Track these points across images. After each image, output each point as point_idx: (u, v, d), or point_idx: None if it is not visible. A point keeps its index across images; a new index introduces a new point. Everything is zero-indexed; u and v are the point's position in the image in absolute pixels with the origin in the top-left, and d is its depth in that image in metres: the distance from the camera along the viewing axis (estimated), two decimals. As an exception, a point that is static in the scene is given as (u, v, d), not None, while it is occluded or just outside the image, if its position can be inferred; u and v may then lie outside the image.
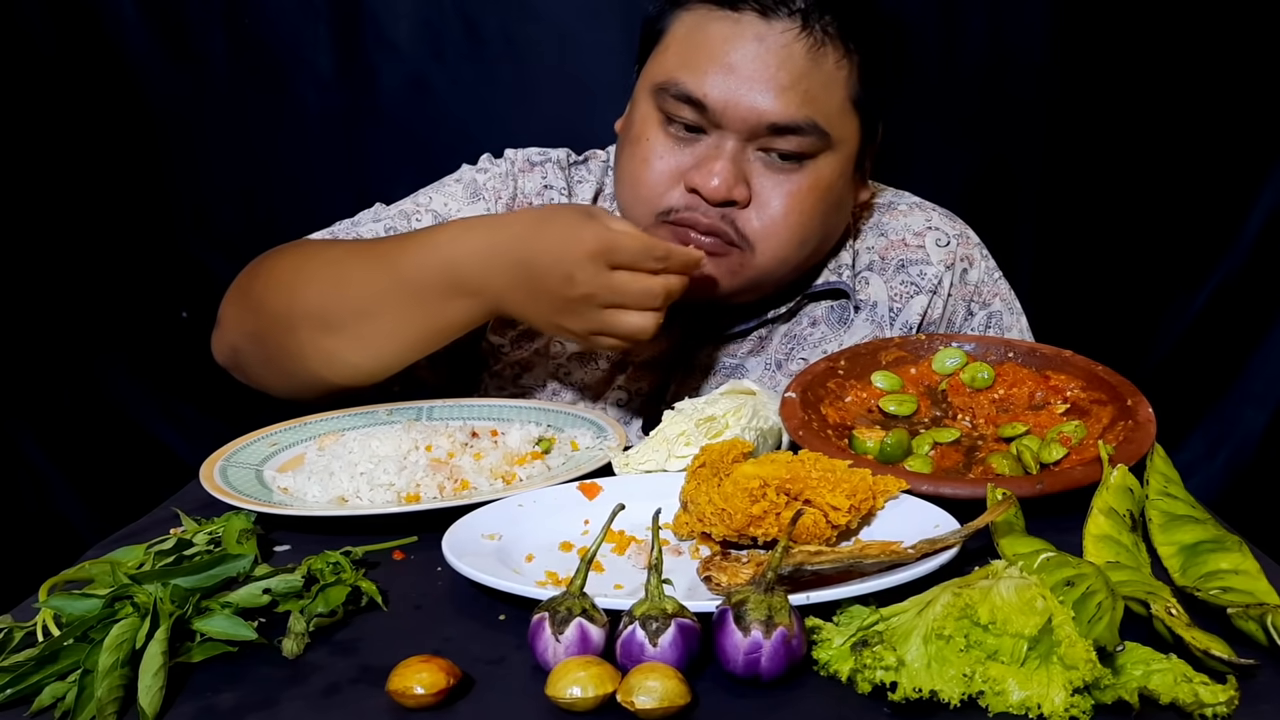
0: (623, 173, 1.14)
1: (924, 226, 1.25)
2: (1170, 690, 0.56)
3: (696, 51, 1.07)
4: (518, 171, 1.24)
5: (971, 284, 1.24)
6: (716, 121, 1.06)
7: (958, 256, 1.24)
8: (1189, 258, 2.04)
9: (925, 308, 1.21)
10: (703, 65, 1.05)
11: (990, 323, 1.24)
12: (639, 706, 0.55)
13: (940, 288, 1.22)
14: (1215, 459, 2.11)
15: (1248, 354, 2.08)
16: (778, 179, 1.08)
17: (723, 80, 1.05)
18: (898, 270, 1.22)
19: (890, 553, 0.69)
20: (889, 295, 1.22)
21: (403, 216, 1.19)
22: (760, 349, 1.22)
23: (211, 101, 1.97)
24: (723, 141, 1.07)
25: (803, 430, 0.94)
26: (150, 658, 0.60)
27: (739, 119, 1.05)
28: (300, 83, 1.96)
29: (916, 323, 1.21)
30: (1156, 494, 0.82)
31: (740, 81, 1.04)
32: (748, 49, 1.04)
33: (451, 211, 1.19)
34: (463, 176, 1.24)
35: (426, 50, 1.95)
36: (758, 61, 1.04)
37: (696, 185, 1.06)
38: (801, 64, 1.05)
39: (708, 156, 1.07)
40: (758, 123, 1.05)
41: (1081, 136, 1.99)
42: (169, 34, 1.93)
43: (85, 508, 2.07)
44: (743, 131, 1.06)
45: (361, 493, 0.89)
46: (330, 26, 1.93)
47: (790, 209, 1.08)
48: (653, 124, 1.10)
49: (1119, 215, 2.02)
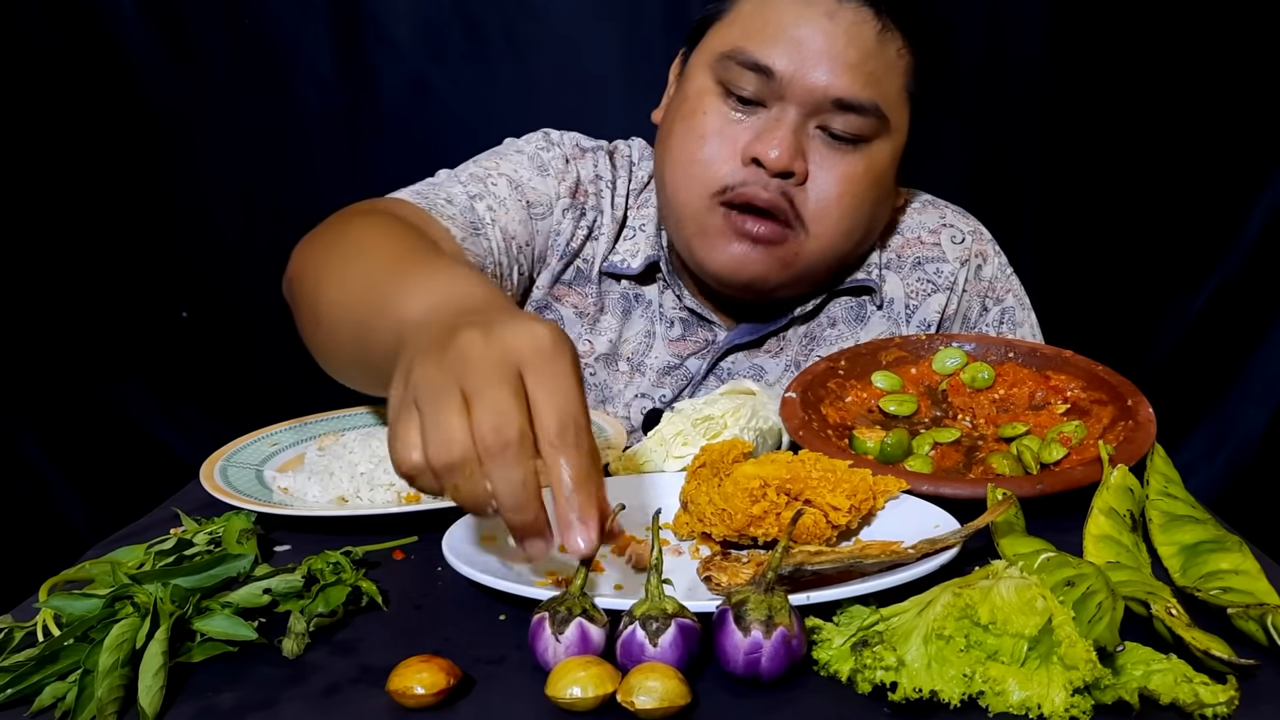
0: (674, 153, 1.12)
1: (939, 224, 1.26)
2: (1170, 690, 0.56)
3: (766, 24, 1.07)
4: (572, 155, 1.22)
5: (986, 280, 1.25)
6: (780, 93, 1.06)
7: (972, 253, 1.25)
8: (1189, 258, 2.04)
9: (943, 305, 1.22)
10: (772, 35, 1.06)
11: (1004, 318, 1.25)
12: (639, 706, 0.55)
13: (956, 285, 1.23)
14: (1215, 459, 2.11)
15: (1248, 354, 2.08)
16: (834, 158, 1.08)
17: (792, 51, 1.05)
18: (914, 268, 1.23)
19: (890, 553, 0.69)
20: (905, 293, 1.22)
21: (476, 180, 1.16)
22: (780, 349, 1.21)
23: (211, 101, 1.97)
24: (784, 114, 1.06)
25: (803, 430, 0.94)
26: (150, 658, 0.60)
27: (804, 90, 1.05)
28: (300, 83, 1.96)
29: (935, 320, 1.22)
30: (1157, 494, 0.82)
31: (809, 54, 1.05)
32: (819, 24, 1.05)
33: (524, 179, 1.17)
34: (524, 148, 1.22)
35: (426, 50, 1.95)
36: (827, 37, 1.05)
37: (757, 154, 1.05)
38: (869, 45, 1.06)
39: (768, 128, 1.06)
40: (823, 96, 1.05)
41: (1081, 136, 1.99)
42: (169, 34, 1.93)
43: (85, 508, 2.07)
44: (806, 105, 1.06)
45: (361, 493, 0.89)
46: (330, 26, 1.94)
47: (844, 190, 1.08)
48: (711, 96, 1.09)
49: (1119, 215, 2.02)
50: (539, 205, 1.17)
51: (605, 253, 1.21)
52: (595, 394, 1.22)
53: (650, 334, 1.21)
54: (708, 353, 1.21)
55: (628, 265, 1.20)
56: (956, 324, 1.24)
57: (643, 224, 1.22)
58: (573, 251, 1.20)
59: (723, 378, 1.21)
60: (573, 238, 1.20)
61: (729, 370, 1.21)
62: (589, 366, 1.21)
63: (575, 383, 0.61)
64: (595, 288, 1.21)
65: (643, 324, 1.22)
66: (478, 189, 1.14)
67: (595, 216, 1.22)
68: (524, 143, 1.23)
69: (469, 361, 0.59)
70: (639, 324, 1.22)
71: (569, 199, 1.20)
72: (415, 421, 0.60)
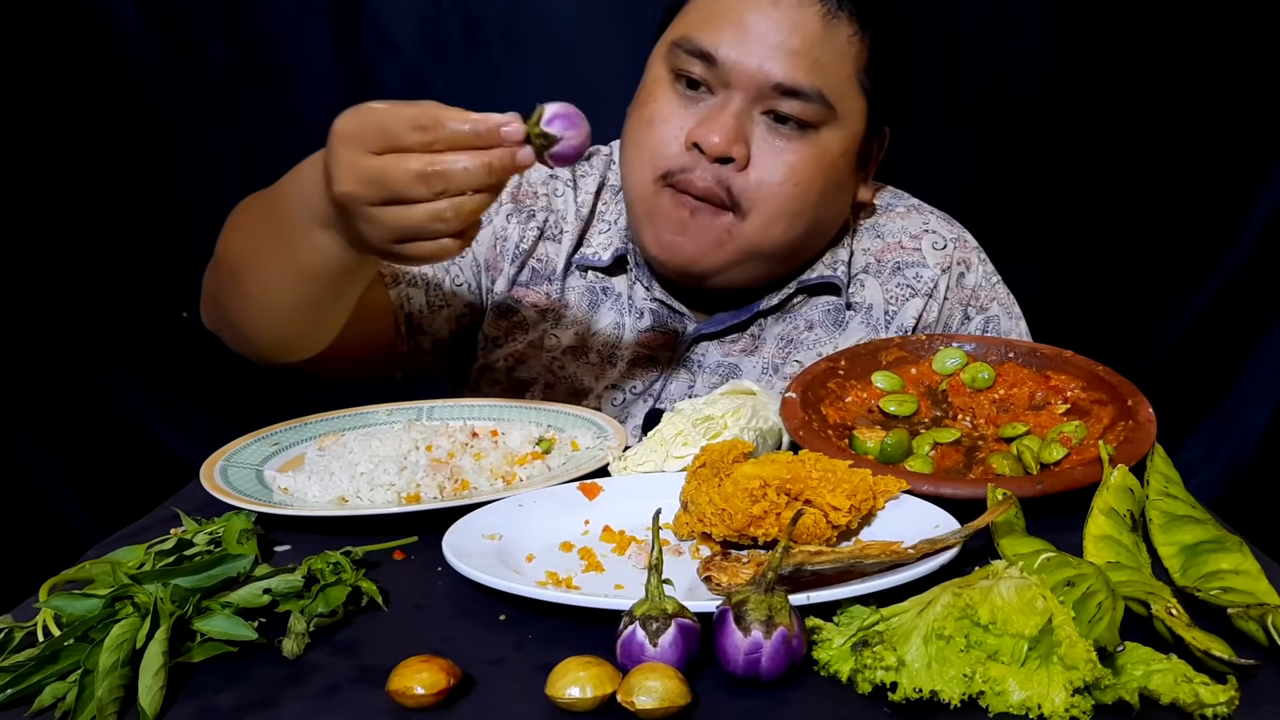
0: (629, 138, 1.15)
1: (921, 229, 1.25)
2: (1170, 690, 0.56)
3: (715, 12, 1.09)
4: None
5: (969, 288, 1.24)
6: (724, 80, 1.07)
7: (954, 260, 1.24)
8: (1189, 258, 2.04)
9: (920, 311, 1.21)
10: (718, 23, 1.08)
11: (987, 328, 1.24)
12: (639, 706, 0.55)
13: (936, 291, 1.22)
14: (1215, 459, 2.11)
15: (1248, 354, 2.08)
16: (779, 144, 1.09)
17: (735, 37, 1.07)
18: (893, 273, 1.22)
19: (890, 553, 0.69)
20: (884, 298, 1.22)
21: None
22: (755, 349, 1.21)
23: (211, 101, 1.97)
24: (728, 100, 1.08)
25: (803, 430, 0.94)
26: (150, 658, 0.60)
27: (746, 76, 1.06)
28: (300, 83, 1.96)
29: (911, 326, 1.21)
30: (1157, 494, 0.82)
31: (752, 41, 1.06)
32: (764, 11, 1.07)
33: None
34: None
35: (426, 50, 1.95)
36: (771, 23, 1.06)
37: (697, 139, 1.07)
38: (814, 31, 1.07)
39: (711, 114, 1.08)
40: (764, 82, 1.06)
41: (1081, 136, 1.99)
42: (169, 34, 1.93)
43: (85, 508, 2.07)
44: (749, 90, 1.07)
45: (362, 493, 0.89)
46: (330, 26, 1.93)
47: (788, 176, 1.09)
48: (662, 84, 1.12)
49: (1119, 215, 2.02)
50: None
51: (570, 248, 1.22)
52: (565, 386, 1.22)
53: (619, 325, 1.22)
54: (679, 344, 1.21)
55: (599, 257, 1.21)
56: (938, 331, 1.22)
57: (616, 217, 1.24)
58: (524, 253, 1.22)
59: (693, 370, 1.21)
60: (522, 239, 1.22)
61: (699, 363, 1.21)
62: (557, 360, 1.22)
63: (387, 109, 0.80)
64: (559, 284, 1.22)
65: (612, 316, 1.22)
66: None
67: (546, 216, 1.24)
68: None
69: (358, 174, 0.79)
70: (608, 316, 1.22)
71: (511, 204, 1.23)
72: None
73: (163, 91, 1.95)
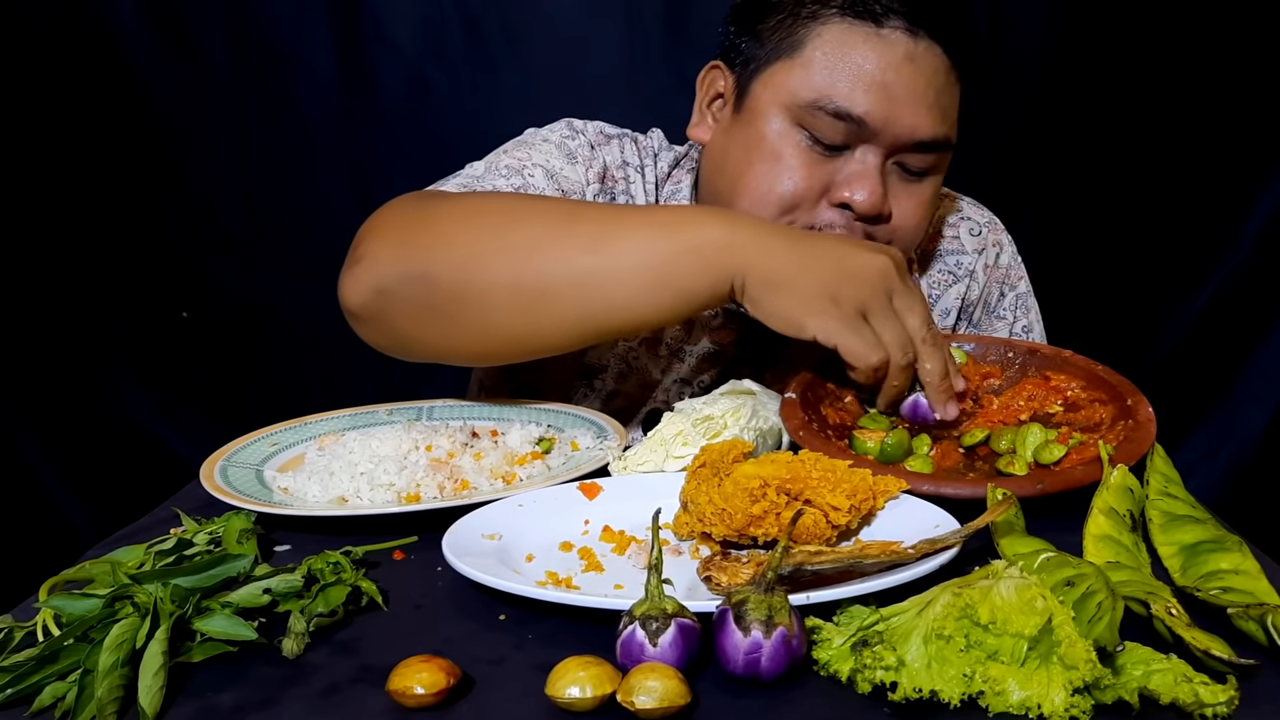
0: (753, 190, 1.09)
1: (956, 217, 1.31)
2: (1170, 690, 0.56)
3: (848, 71, 1.05)
4: (596, 142, 1.23)
5: (1003, 267, 1.32)
6: (867, 137, 1.06)
7: (989, 243, 1.31)
8: (1189, 258, 2.04)
9: (963, 293, 1.28)
10: (860, 85, 1.05)
11: (1018, 303, 1.32)
12: (639, 706, 0.55)
13: (976, 274, 1.29)
14: (1215, 459, 2.11)
15: (1248, 354, 2.08)
16: (910, 190, 1.10)
17: (879, 98, 1.04)
18: (935, 260, 1.29)
19: (890, 553, 0.69)
20: (927, 285, 1.28)
21: (514, 173, 1.15)
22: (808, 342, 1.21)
23: (212, 101, 1.97)
24: (867, 156, 1.07)
25: (803, 430, 0.94)
26: (150, 658, 0.60)
27: (893, 135, 1.05)
28: (300, 83, 1.96)
29: (955, 307, 1.28)
30: (1157, 494, 0.82)
31: (896, 100, 1.04)
32: (902, 69, 1.05)
33: (556, 168, 1.18)
34: (550, 137, 1.21)
35: (426, 50, 1.95)
36: (911, 81, 1.05)
37: (849, 201, 1.06)
38: (942, 81, 1.07)
39: (857, 173, 1.06)
40: (909, 139, 1.06)
41: (1081, 136, 1.99)
42: (169, 34, 1.93)
43: (85, 508, 2.07)
44: (891, 147, 1.06)
45: (361, 493, 0.89)
46: (330, 26, 1.94)
47: (920, 219, 1.11)
48: (792, 142, 1.08)
49: (1119, 214, 2.02)
50: (572, 193, 1.18)
51: None
52: (636, 379, 1.22)
53: (690, 321, 1.22)
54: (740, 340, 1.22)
55: None
56: (978, 310, 1.30)
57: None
58: None
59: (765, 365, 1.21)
60: None
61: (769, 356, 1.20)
62: (632, 351, 1.23)
63: (922, 294, 0.94)
64: None
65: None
66: (518, 180, 1.15)
67: (626, 201, 1.23)
68: (549, 132, 1.23)
69: (873, 283, 0.91)
70: None
71: (598, 184, 1.21)
72: (867, 329, 0.92)
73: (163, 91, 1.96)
